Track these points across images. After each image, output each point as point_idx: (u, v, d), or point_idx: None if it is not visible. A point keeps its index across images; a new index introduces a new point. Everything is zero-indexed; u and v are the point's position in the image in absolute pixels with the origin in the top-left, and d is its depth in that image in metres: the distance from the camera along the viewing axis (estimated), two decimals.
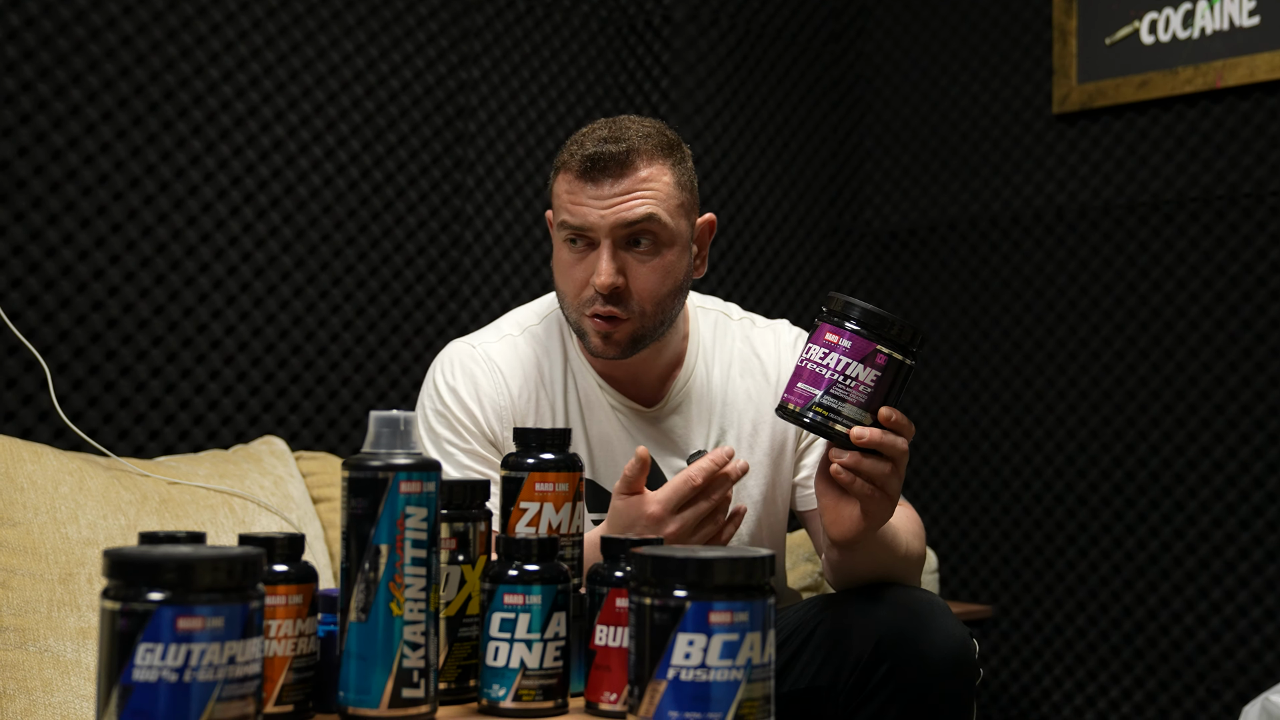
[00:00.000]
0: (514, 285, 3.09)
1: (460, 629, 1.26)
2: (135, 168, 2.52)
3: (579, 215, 1.66)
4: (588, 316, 1.68)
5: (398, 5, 2.92)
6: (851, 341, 1.42)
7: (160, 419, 2.54)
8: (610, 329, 1.68)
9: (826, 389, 1.41)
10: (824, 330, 1.43)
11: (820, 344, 1.43)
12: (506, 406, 1.74)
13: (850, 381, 1.41)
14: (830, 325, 1.43)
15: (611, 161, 1.65)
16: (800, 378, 1.44)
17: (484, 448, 1.73)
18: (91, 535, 2.02)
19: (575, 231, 1.67)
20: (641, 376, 1.79)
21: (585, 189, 1.66)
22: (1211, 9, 3.11)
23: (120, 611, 0.94)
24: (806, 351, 1.45)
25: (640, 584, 1.08)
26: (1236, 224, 3.05)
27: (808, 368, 1.44)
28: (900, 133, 3.69)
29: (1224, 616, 3.00)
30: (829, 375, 1.42)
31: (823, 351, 1.42)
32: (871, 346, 1.41)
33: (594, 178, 1.65)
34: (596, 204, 1.65)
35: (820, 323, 1.45)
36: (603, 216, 1.65)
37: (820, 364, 1.42)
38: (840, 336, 1.42)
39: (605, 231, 1.65)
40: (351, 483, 1.14)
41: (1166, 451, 3.11)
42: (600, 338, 1.69)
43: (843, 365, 1.41)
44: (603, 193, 1.65)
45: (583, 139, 1.69)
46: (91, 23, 2.47)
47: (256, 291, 2.67)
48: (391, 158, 2.89)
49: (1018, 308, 3.40)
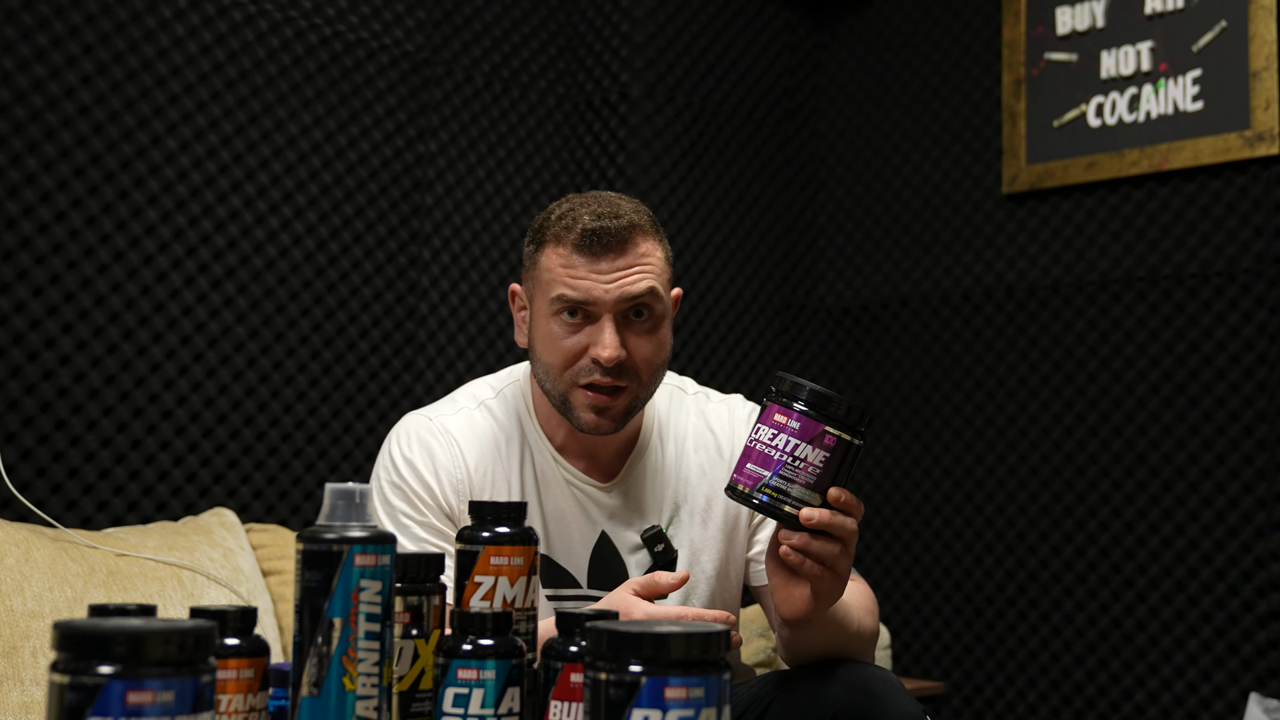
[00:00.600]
0: (469, 358, 3.09)
1: (413, 704, 1.25)
2: (90, 236, 2.51)
3: (581, 289, 1.66)
4: (580, 388, 1.68)
5: (356, 79, 2.94)
6: (800, 422, 1.42)
7: (109, 490, 2.51)
8: (608, 402, 1.68)
9: (776, 470, 1.42)
10: (772, 411, 1.44)
11: (769, 425, 1.44)
12: (463, 480, 1.74)
13: (799, 463, 1.42)
14: (778, 406, 1.44)
15: (614, 237, 1.66)
16: (749, 458, 1.45)
17: (440, 521, 1.72)
18: (37, 608, 1.99)
19: (575, 305, 1.67)
20: (599, 452, 1.79)
21: (585, 263, 1.66)
22: (1157, 94, 3.18)
23: (69, 685, 0.93)
24: (755, 432, 1.45)
25: (595, 659, 1.07)
26: (1182, 303, 3.10)
27: (756, 448, 1.44)
28: (853, 210, 3.74)
29: (1174, 693, 3.02)
30: (778, 456, 1.42)
31: (771, 432, 1.43)
32: (820, 427, 1.42)
33: (596, 252, 1.66)
34: (600, 279, 1.66)
35: (769, 403, 1.45)
36: (607, 291, 1.65)
37: (769, 445, 1.43)
38: (788, 417, 1.43)
39: (609, 306, 1.66)
40: (306, 555, 1.13)
41: (1116, 528, 3.14)
42: (594, 412, 1.69)
43: (791, 446, 1.42)
44: (603, 267, 1.66)
45: (573, 214, 1.69)
46: (48, 92, 2.47)
47: (209, 362, 2.66)
48: (348, 229, 2.89)
49: (968, 384, 3.43)
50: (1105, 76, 3.27)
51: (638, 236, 1.68)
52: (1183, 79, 3.15)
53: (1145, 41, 3.21)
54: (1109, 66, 3.27)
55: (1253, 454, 2.98)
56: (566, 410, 1.71)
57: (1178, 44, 3.16)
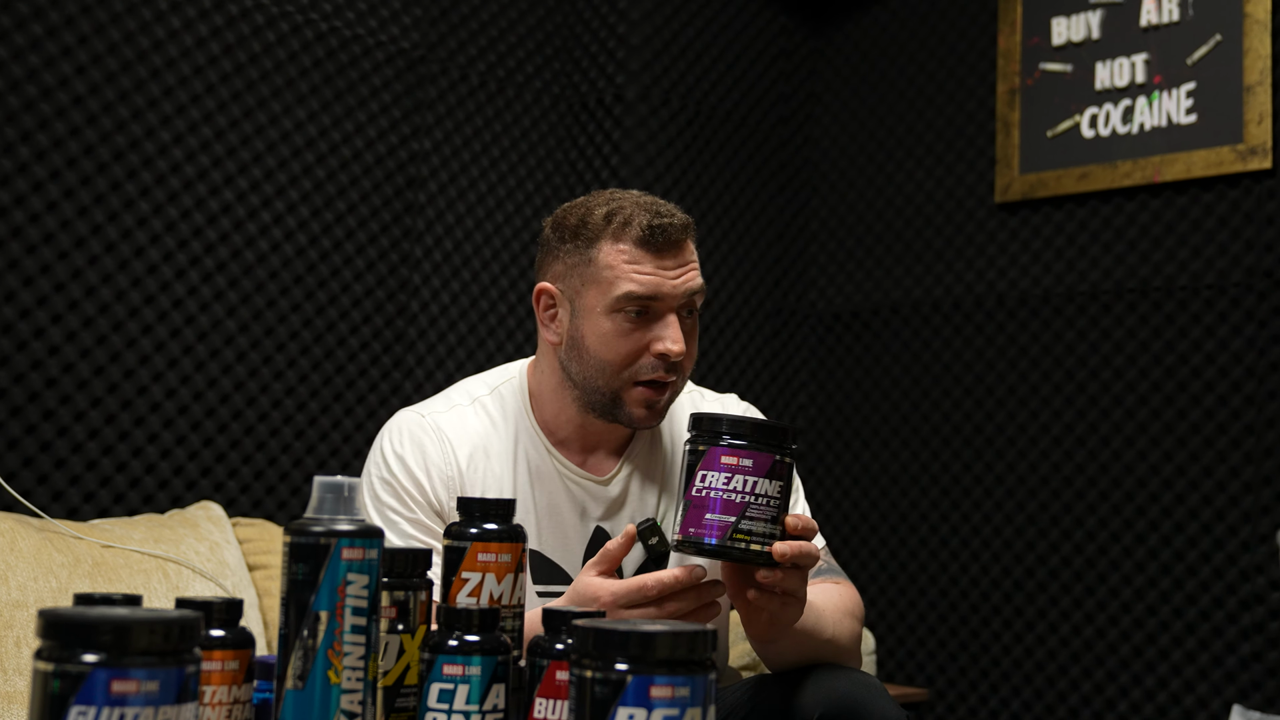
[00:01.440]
0: (459, 356, 3.08)
1: (398, 699, 1.24)
2: (81, 227, 2.50)
3: (649, 285, 1.67)
4: (636, 385, 1.70)
5: (352, 75, 2.94)
6: (753, 459, 1.38)
7: (96, 481, 2.50)
8: (659, 397, 1.71)
9: (742, 513, 1.38)
10: (716, 455, 1.39)
11: (718, 470, 1.39)
12: (454, 476, 1.73)
13: (761, 499, 1.39)
14: (722, 449, 1.39)
15: (676, 235, 1.68)
16: (706, 509, 1.39)
17: (429, 517, 1.72)
18: (21, 597, 1.98)
19: (642, 302, 1.67)
20: (600, 447, 1.80)
21: (651, 260, 1.67)
22: (1150, 106, 3.18)
23: (53, 673, 0.92)
24: (701, 480, 1.40)
25: (581, 656, 1.07)
26: (1172, 315, 3.11)
27: (711, 496, 1.39)
28: (846, 216, 3.74)
29: (1158, 704, 3.02)
30: (739, 499, 1.38)
31: (725, 476, 1.38)
32: (771, 458, 1.39)
33: (661, 249, 1.67)
34: (667, 274, 1.68)
35: (706, 448, 1.40)
36: (675, 286, 1.68)
37: (727, 490, 1.38)
38: (739, 456, 1.38)
39: (675, 301, 1.68)
40: (293, 548, 1.13)
41: (1102, 538, 3.14)
42: (647, 407, 1.71)
43: (751, 485, 1.38)
44: (668, 264, 1.68)
45: (624, 211, 1.69)
46: (43, 82, 2.47)
47: (198, 355, 2.65)
48: (340, 225, 2.89)
49: (958, 392, 3.44)
50: (1100, 88, 3.28)
51: (689, 236, 1.72)
52: (1177, 91, 3.15)
53: (1140, 54, 3.22)
54: (1103, 78, 3.27)
55: (1239, 467, 2.98)
56: (615, 407, 1.72)
57: (1172, 57, 3.17)
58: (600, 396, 1.72)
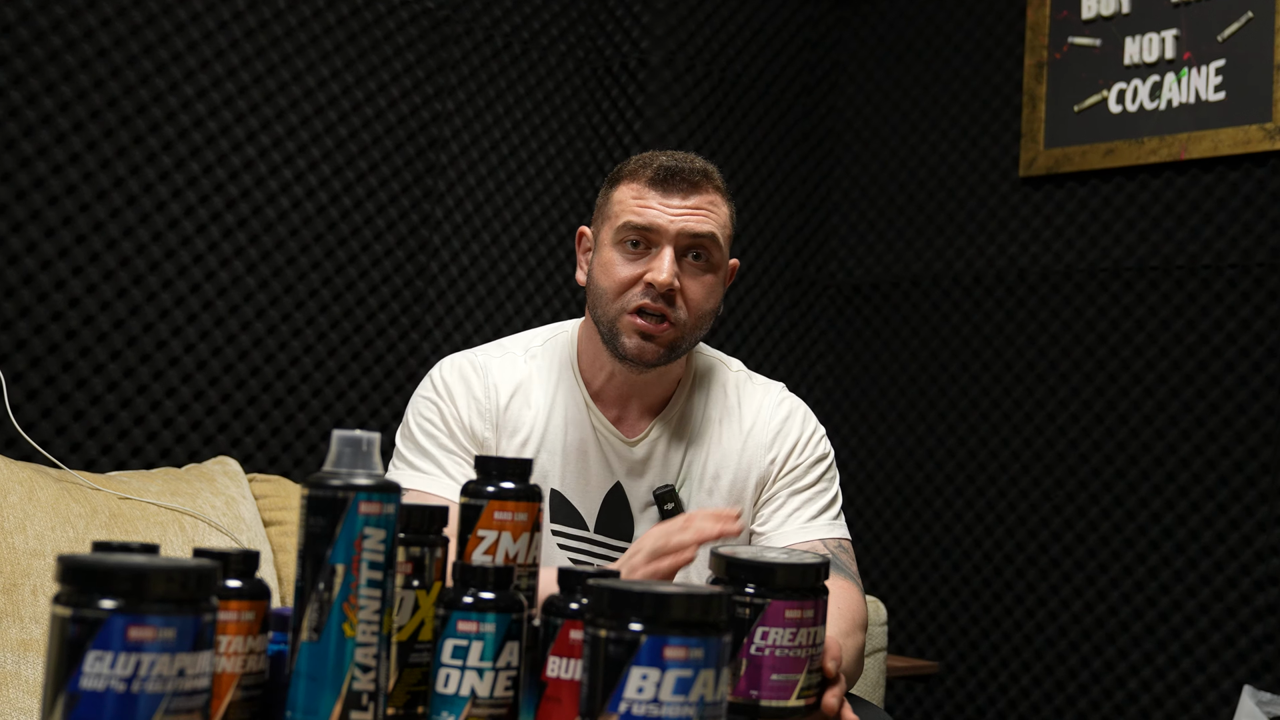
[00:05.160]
0: (477, 318, 3.08)
1: (411, 654, 1.25)
2: (104, 180, 2.51)
3: (646, 217, 1.74)
4: (629, 314, 1.75)
5: (375, 33, 2.93)
6: (815, 608, 1.31)
7: (114, 434, 2.51)
8: (655, 329, 1.74)
9: (807, 668, 1.31)
10: (780, 610, 1.29)
11: (782, 626, 1.29)
12: (492, 411, 1.81)
13: (817, 649, 1.32)
14: (787, 603, 1.28)
15: (687, 177, 1.75)
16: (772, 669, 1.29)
17: (464, 437, 1.79)
18: (39, 546, 1.99)
19: (639, 233, 1.74)
20: (632, 403, 1.85)
21: (656, 196, 1.75)
22: (1179, 83, 3.16)
23: (71, 618, 0.93)
24: (762, 638, 1.28)
25: (596, 616, 1.07)
26: (1195, 294, 3.09)
27: (777, 655, 1.29)
28: (868, 188, 3.72)
29: (1168, 683, 3.02)
30: (804, 654, 1.30)
31: (790, 632, 1.29)
32: (825, 600, 1.33)
33: (667, 188, 1.75)
34: (666, 210, 1.74)
35: (765, 602, 1.28)
36: (671, 222, 1.73)
37: (792, 646, 1.29)
38: (802, 609, 1.29)
39: (670, 237, 1.74)
40: (310, 501, 1.13)
41: (1117, 516, 3.14)
42: (640, 337, 1.75)
43: (813, 637, 1.30)
44: (673, 202, 1.74)
45: (652, 156, 1.79)
46: (68, 33, 2.46)
47: (218, 311, 2.66)
48: (361, 185, 2.89)
49: (976, 366, 3.43)
50: (1128, 63, 3.25)
51: (709, 185, 1.77)
52: (1206, 68, 3.13)
53: (1170, 29, 3.19)
54: (1132, 53, 3.25)
55: (1258, 447, 2.97)
56: (613, 338, 1.77)
57: (1202, 33, 3.14)
58: (605, 328, 1.78)
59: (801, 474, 1.85)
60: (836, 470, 1.91)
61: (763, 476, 1.85)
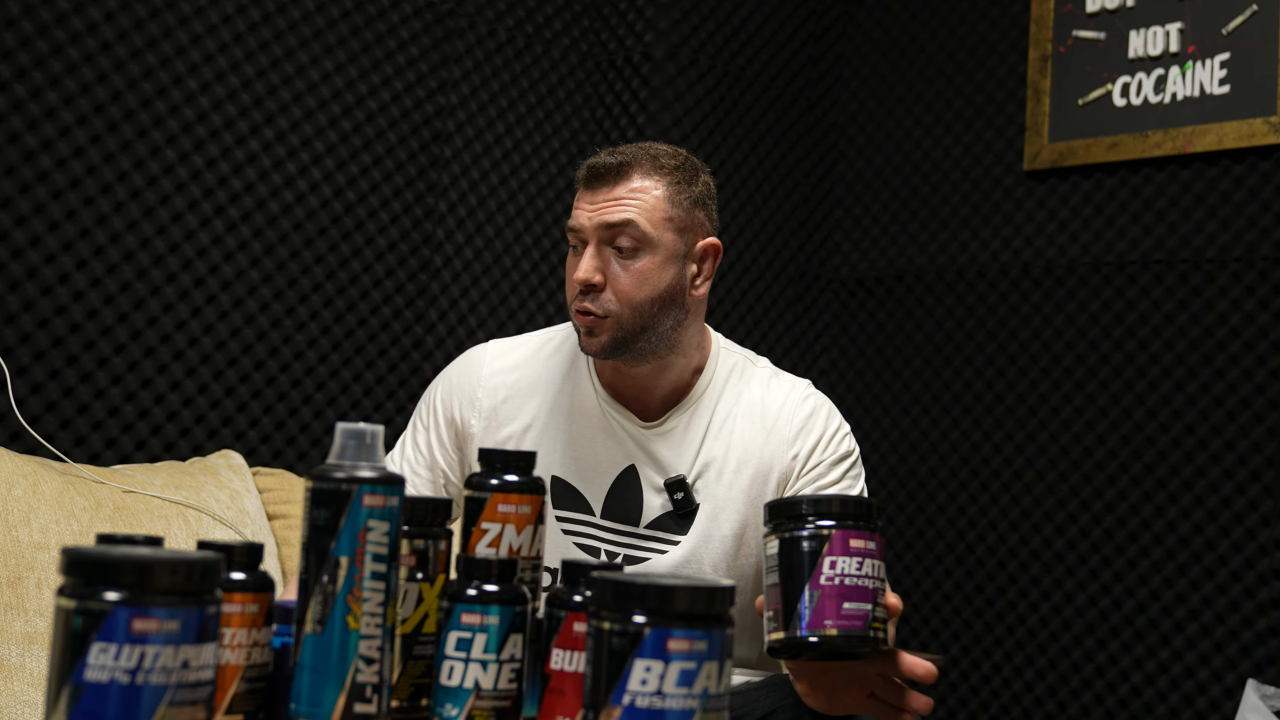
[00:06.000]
0: (481, 312, 3.08)
1: (415, 647, 1.25)
2: (108, 173, 2.51)
3: (576, 218, 1.80)
4: (576, 313, 1.80)
5: (379, 27, 2.93)
6: (876, 541, 1.33)
7: (118, 427, 2.52)
8: (590, 323, 1.78)
9: (874, 599, 1.31)
10: (845, 539, 1.31)
11: (850, 555, 1.31)
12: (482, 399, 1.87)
13: (882, 582, 1.33)
14: (851, 532, 1.31)
15: (607, 172, 1.79)
16: (845, 597, 1.30)
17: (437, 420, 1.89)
18: (43, 539, 1.99)
19: (574, 235, 1.81)
20: (644, 395, 1.87)
21: (586, 195, 1.81)
22: (1183, 76, 3.15)
23: (75, 610, 0.93)
24: (831, 567, 1.31)
25: (599, 608, 1.07)
26: (1199, 288, 3.09)
27: (845, 583, 1.30)
28: (872, 181, 3.72)
29: (1172, 676, 3.02)
30: (873, 585, 1.31)
31: (856, 562, 1.31)
32: (882, 539, 1.35)
33: (592, 185, 1.80)
34: (588, 208, 1.79)
35: (831, 532, 1.32)
36: (589, 218, 1.78)
37: (858, 575, 1.31)
38: (867, 540, 1.31)
39: (590, 232, 1.78)
40: (314, 493, 1.13)
41: (1121, 509, 3.14)
42: (584, 332, 1.80)
43: (877, 569, 1.32)
44: (596, 199, 1.79)
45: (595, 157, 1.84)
46: (72, 27, 2.46)
47: (222, 304, 2.66)
48: (365, 178, 2.89)
49: (979, 360, 3.43)
50: (1133, 56, 3.24)
51: (633, 172, 1.79)
52: (1210, 62, 3.12)
53: (1175, 22, 3.19)
54: (1137, 46, 3.24)
55: (1262, 441, 2.97)
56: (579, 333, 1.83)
57: (1207, 26, 3.14)
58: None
59: (824, 471, 1.85)
60: (862, 470, 1.91)
61: (785, 473, 1.85)
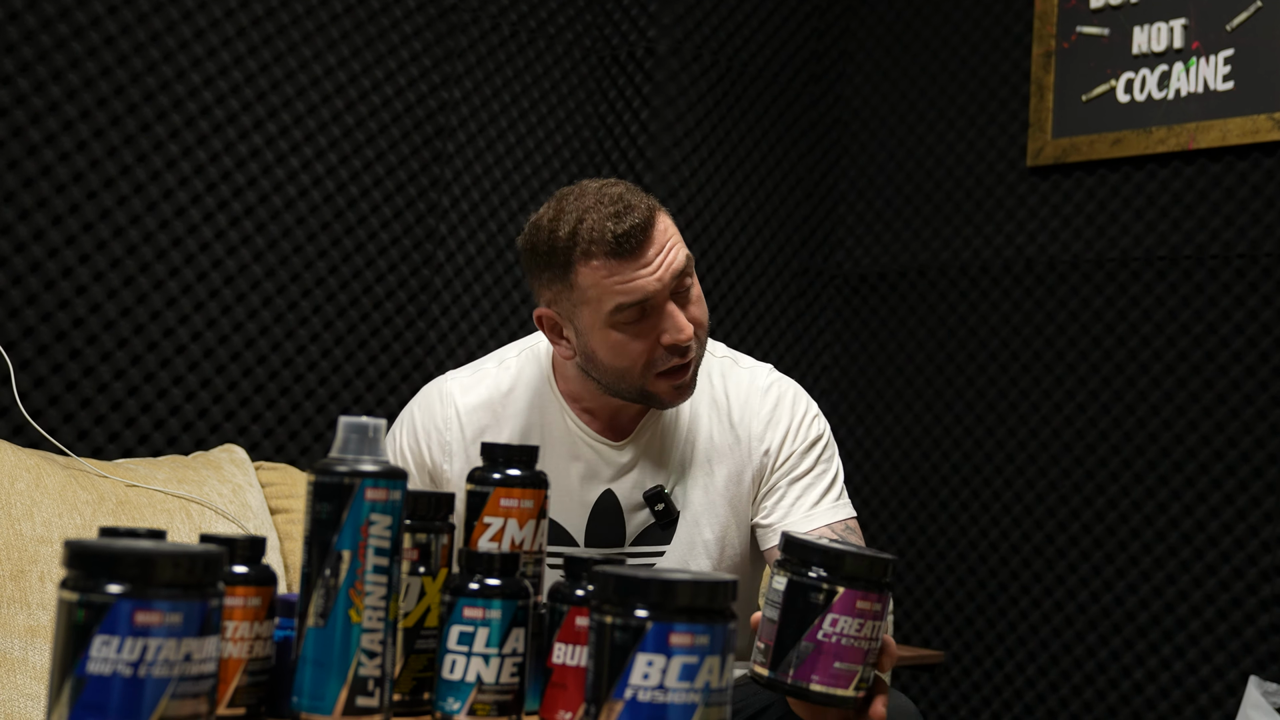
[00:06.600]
0: (483, 307, 3.08)
1: (418, 640, 1.25)
2: (110, 167, 2.51)
3: (637, 291, 1.65)
4: (658, 377, 1.71)
5: (383, 22, 2.93)
6: (883, 601, 1.29)
7: (121, 421, 2.52)
8: (684, 378, 1.72)
9: (865, 659, 1.29)
10: (853, 599, 1.27)
11: (851, 614, 1.28)
12: (451, 441, 1.80)
13: (876, 643, 1.30)
14: (863, 593, 1.28)
15: (643, 230, 1.65)
16: (837, 656, 1.28)
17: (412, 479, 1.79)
18: (46, 533, 2.00)
19: (638, 309, 1.67)
20: (620, 413, 1.81)
21: (629, 265, 1.65)
22: (1187, 72, 3.15)
23: (78, 603, 0.93)
24: (831, 625, 1.28)
25: (602, 603, 1.07)
26: (1202, 284, 3.08)
27: (840, 643, 1.28)
28: (875, 177, 3.72)
29: (1174, 673, 3.02)
30: (867, 646, 1.29)
31: (858, 623, 1.28)
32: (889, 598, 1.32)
33: (633, 252, 1.65)
34: (648, 272, 1.66)
35: (840, 590, 1.27)
36: (660, 280, 1.66)
37: (855, 636, 1.28)
38: (874, 601, 1.28)
39: (665, 293, 1.67)
40: (317, 487, 1.13)
41: (1123, 506, 3.13)
42: (676, 390, 1.72)
43: (875, 630, 1.29)
44: (647, 259, 1.65)
45: (585, 224, 1.67)
46: (75, 21, 2.47)
47: (225, 299, 2.66)
48: (368, 173, 2.89)
49: (982, 356, 3.42)
50: (1136, 52, 3.24)
51: (655, 217, 1.68)
52: (1214, 58, 3.12)
53: (1179, 19, 3.18)
54: (1141, 42, 3.24)
55: (1265, 437, 2.97)
56: (642, 398, 1.74)
57: (1211, 22, 3.13)
58: (629, 393, 1.74)
59: (797, 461, 1.81)
60: (834, 448, 1.87)
61: (759, 469, 1.82)
